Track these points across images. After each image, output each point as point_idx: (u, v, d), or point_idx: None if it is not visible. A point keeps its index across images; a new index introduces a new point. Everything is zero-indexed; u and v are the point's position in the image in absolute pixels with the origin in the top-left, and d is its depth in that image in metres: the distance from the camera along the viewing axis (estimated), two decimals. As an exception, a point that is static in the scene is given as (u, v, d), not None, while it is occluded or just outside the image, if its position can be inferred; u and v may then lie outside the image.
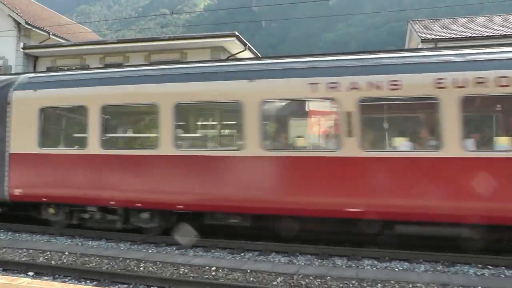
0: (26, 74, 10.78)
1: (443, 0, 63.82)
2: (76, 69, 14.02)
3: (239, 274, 6.90)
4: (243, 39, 18.52)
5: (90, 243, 9.18)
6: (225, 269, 7.12)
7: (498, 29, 19.41)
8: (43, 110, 9.86)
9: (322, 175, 7.86)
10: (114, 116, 9.98)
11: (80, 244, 9.12)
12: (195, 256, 8.09)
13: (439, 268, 7.25)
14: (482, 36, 18.18)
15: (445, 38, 18.37)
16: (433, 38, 18.37)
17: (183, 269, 7.20)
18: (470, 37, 18.29)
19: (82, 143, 9.49)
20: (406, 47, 23.45)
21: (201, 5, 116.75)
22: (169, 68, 9.38)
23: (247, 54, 19.36)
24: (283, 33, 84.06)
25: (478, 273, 7.02)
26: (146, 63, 18.54)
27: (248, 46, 19.18)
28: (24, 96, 10.06)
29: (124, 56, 19.91)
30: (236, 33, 17.94)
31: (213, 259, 7.89)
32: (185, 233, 8.88)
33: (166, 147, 8.77)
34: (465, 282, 6.47)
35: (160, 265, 7.46)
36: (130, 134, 10.15)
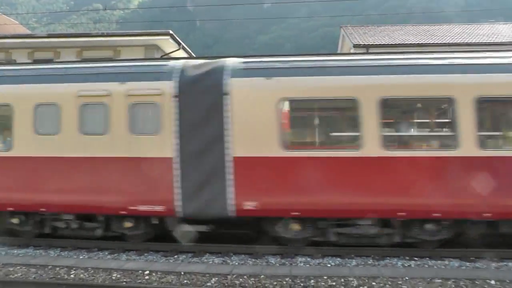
0: (234, 58, 8.50)
1: (374, 8, 67.10)
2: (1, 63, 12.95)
3: (172, 277, 6.86)
4: (178, 38, 18.48)
5: (15, 251, 8.62)
6: (159, 273, 7.05)
7: (423, 37, 20.78)
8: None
9: None
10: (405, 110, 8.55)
11: (3, 253, 8.52)
12: (128, 260, 7.91)
13: (369, 262, 7.65)
14: (410, 43, 19.36)
15: (376, 44, 19.35)
16: (364, 44, 19.27)
17: (115, 275, 7.03)
18: (399, 44, 19.37)
19: (354, 142, 7.83)
20: (339, 52, 24.42)
21: (135, 2, 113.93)
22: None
23: (181, 53, 19.33)
24: (217, 34, 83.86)
25: (406, 265, 7.52)
26: (78, 59, 17.86)
27: (182, 45, 19.19)
28: (251, 85, 7.94)
29: (55, 52, 19.10)
30: (171, 32, 17.92)
31: (146, 262, 7.76)
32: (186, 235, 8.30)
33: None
34: (393, 273, 6.92)
35: (92, 271, 7.22)
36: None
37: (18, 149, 8.58)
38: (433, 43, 19.30)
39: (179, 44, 18.87)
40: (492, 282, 6.47)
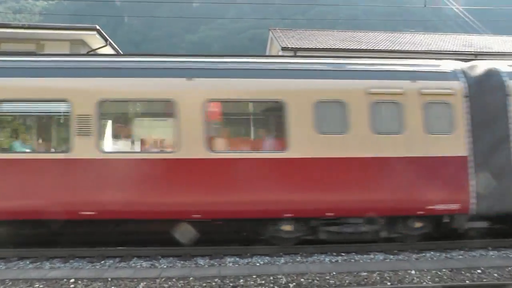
0: (500, 61, 9.21)
1: (302, 13, 69.07)
2: None
3: (99, 284, 6.65)
4: (105, 34, 17.87)
5: None
6: (85, 280, 6.78)
7: (350, 43, 21.85)
8: None
9: None
10: None
11: None
12: (52, 269, 7.51)
13: (298, 259, 7.94)
14: (337, 48, 20.25)
15: (303, 48, 19.97)
16: (292, 47, 19.83)
17: (38, 285, 6.63)
18: (326, 48, 20.20)
19: None
20: (267, 54, 24.87)
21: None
22: None
23: (108, 50, 18.72)
24: (145, 31, 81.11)
25: (333, 261, 7.90)
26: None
27: (110, 41, 18.58)
28: None
29: (-33, 43, 17.57)
30: (97, 27, 17.26)
31: (71, 270, 7.42)
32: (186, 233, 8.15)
33: None
34: (321, 269, 7.23)
35: (10, 283, 6.72)
36: None
37: (296, 150, 8.03)
38: (359, 49, 20.36)
39: (106, 40, 18.24)
40: (413, 272, 7.04)
